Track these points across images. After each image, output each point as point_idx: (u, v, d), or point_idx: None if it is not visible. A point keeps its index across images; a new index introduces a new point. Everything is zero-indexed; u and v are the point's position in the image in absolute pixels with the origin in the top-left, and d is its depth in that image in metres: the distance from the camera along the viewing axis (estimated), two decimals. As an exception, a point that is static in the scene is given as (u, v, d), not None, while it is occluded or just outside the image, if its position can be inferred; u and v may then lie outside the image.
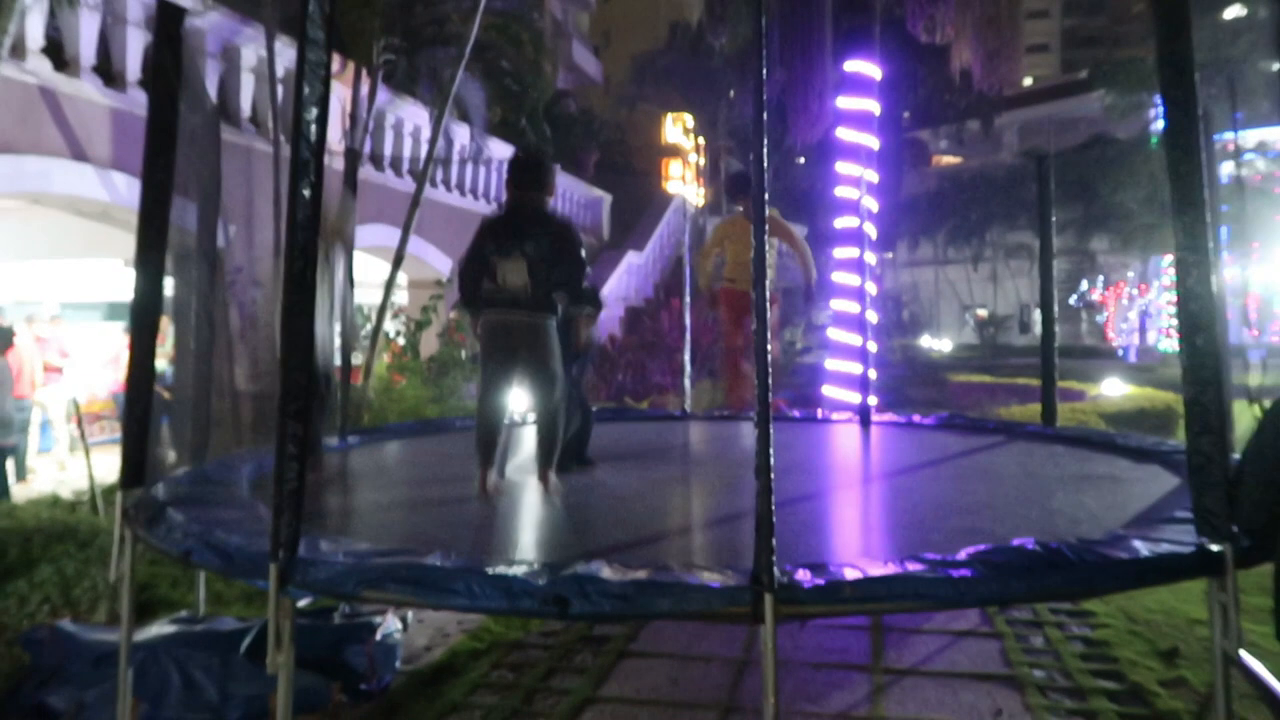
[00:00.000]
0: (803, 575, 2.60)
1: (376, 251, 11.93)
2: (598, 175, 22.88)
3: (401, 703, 4.17)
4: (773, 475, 2.47)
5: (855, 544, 3.73)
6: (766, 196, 2.61)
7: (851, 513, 4.35)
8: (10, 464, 8.33)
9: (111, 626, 4.36)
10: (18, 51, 7.71)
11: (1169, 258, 25.13)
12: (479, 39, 11.21)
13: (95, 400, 12.39)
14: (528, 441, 4.34)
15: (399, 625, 4.68)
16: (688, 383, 8.13)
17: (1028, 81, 40.00)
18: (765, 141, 2.55)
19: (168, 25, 3.70)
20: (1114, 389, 13.23)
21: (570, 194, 19.65)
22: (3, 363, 7.57)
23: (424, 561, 2.76)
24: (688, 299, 8.47)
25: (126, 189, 8.48)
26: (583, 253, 3.88)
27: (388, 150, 13.26)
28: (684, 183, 24.72)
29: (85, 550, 5.01)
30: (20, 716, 3.90)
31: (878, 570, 2.66)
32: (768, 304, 2.59)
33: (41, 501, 6.21)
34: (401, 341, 11.14)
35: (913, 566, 2.66)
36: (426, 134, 13.08)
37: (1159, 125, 26.37)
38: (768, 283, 2.58)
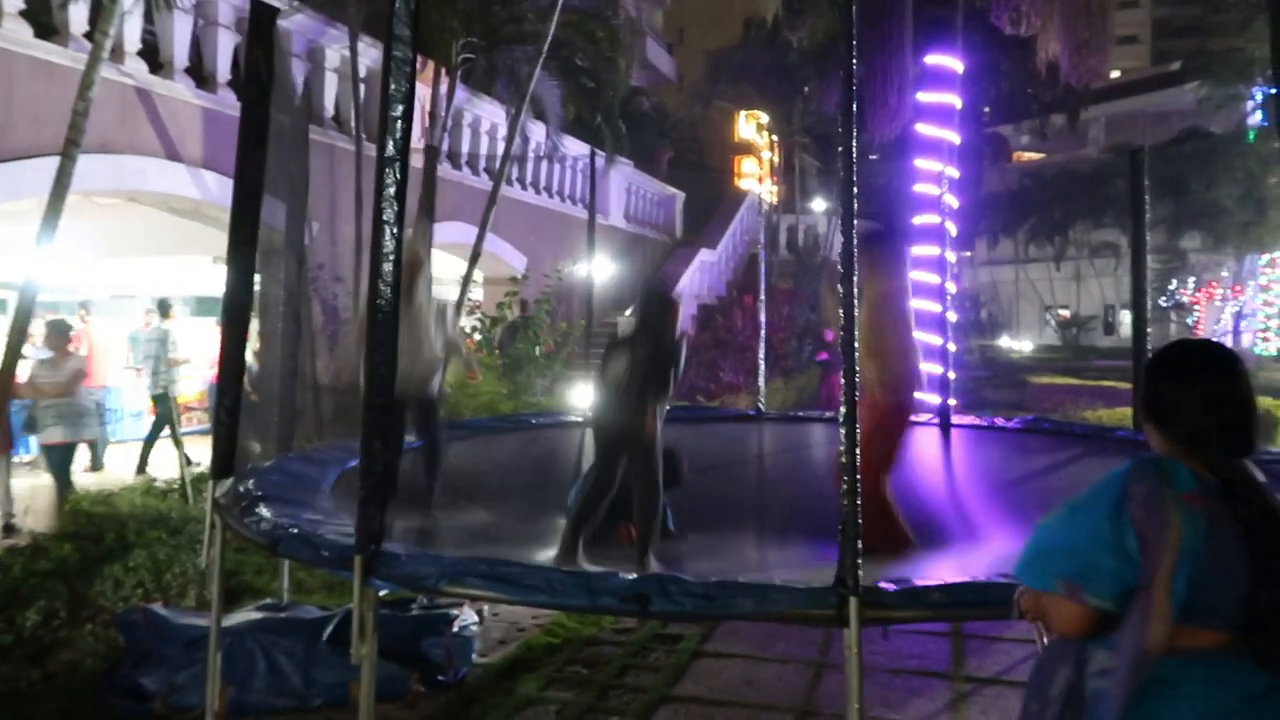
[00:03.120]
0: (886, 581, 2.55)
1: (453, 249, 12.09)
2: (671, 172, 22.84)
3: (477, 695, 4.21)
4: (859, 477, 2.42)
5: (938, 549, 3.65)
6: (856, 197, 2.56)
7: (934, 518, 4.25)
8: (84, 452, 8.54)
9: (201, 611, 4.49)
10: (116, 54, 8.01)
11: (1266, 257, 24.08)
12: (555, 37, 11.27)
13: (182, 394, 12.79)
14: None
15: (475, 618, 4.73)
16: (762, 382, 8.06)
17: (1116, 74, 38.69)
18: (855, 138, 2.49)
19: (260, 24, 3.79)
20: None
21: (643, 191, 19.65)
22: (79, 356, 7.82)
23: (505, 557, 2.78)
24: (763, 297, 8.40)
25: (217, 187, 8.74)
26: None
27: (465, 148, 13.43)
28: (757, 180, 24.53)
29: (176, 537, 5.18)
30: (116, 696, 4.05)
31: (962, 576, 2.60)
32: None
33: (136, 489, 6.44)
34: (478, 338, 11.28)
35: (998, 574, 2.59)
36: (503, 132, 13.21)
37: (1256, 118, 25.24)
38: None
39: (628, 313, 4.43)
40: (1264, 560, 1.60)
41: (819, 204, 25.35)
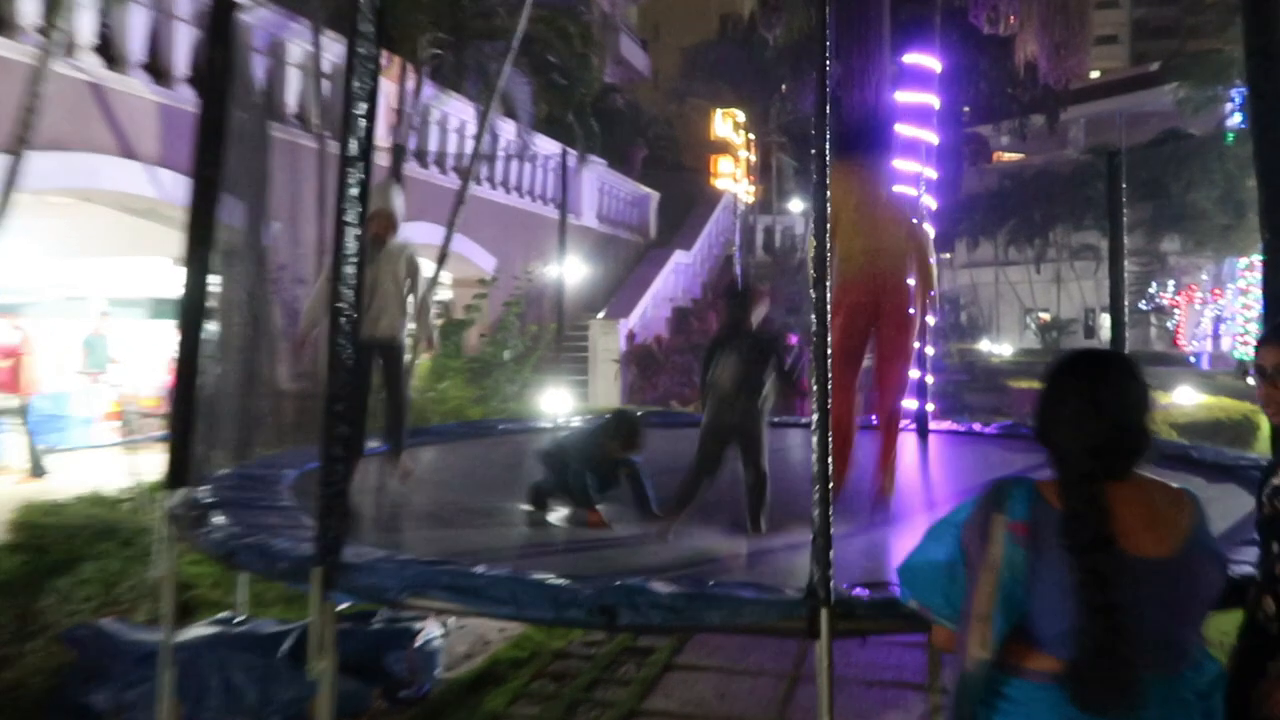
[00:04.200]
0: (860, 590, 2.56)
1: (420, 250, 12.02)
2: (645, 172, 22.87)
3: (441, 710, 4.19)
4: (830, 485, 2.43)
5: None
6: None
7: (910, 528, 4.28)
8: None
9: (153, 626, 4.43)
10: (70, 48, 7.91)
11: (1245, 260, 24.46)
12: (526, 32, 11.27)
13: (135, 398, 12.66)
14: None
15: (440, 631, 4.70)
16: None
17: (1095, 74, 39.22)
18: (828, 136, 2.51)
19: (220, 17, 3.76)
20: (1186, 398, 12.88)
21: (616, 191, 19.67)
22: None
23: (469, 569, 2.76)
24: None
25: (173, 185, 8.65)
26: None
27: (433, 146, 13.39)
28: (734, 180, 24.62)
29: (128, 549, 5.11)
30: (64, 715, 3.98)
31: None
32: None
33: (86, 499, 6.34)
34: (441, 331, 11.22)
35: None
36: (472, 130, 13.18)
37: (1235, 120, 25.62)
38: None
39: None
40: (1084, 594, 1.58)
41: (796, 204, 25.50)
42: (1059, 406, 1.74)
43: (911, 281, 4.62)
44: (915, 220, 4.82)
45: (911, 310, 4.59)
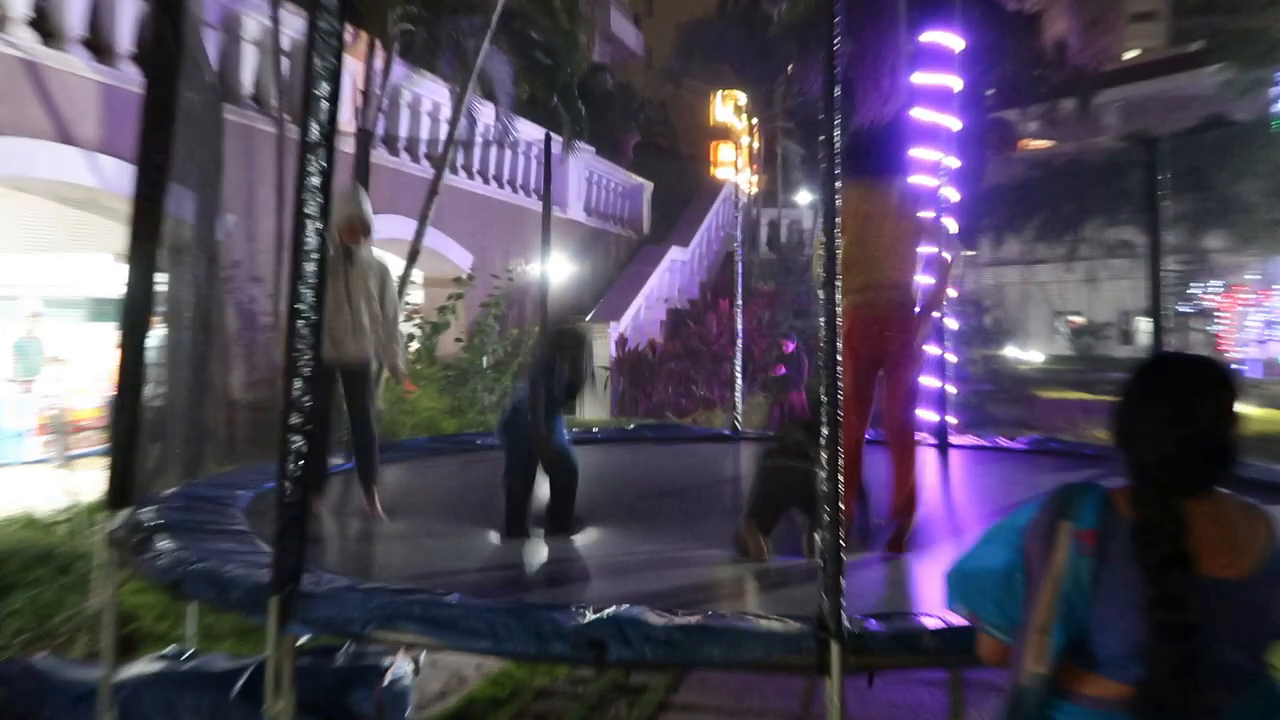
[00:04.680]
0: (874, 622, 2.56)
1: (389, 245, 12.03)
2: (638, 160, 22.92)
3: (413, 755, 4.17)
4: (841, 507, 2.44)
5: (933, 590, 3.66)
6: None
7: (928, 553, 4.28)
8: None
9: (91, 663, 4.40)
10: (0, 22, 7.89)
11: (1299, 258, 24.57)
12: (506, 6, 11.28)
13: (72, 408, 12.60)
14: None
15: (410, 668, 4.68)
16: (739, 397, 8.10)
17: (1131, 54, 39.41)
18: (837, 122, 2.52)
19: (166, -10, 3.76)
20: (1232, 409, 12.90)
21: (606, 181, 19.70)
22: None
23: (442, 598, 2.75)
24: (739, 300, 8.44)
25: (116, 174, 8.63)
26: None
27: (403, 132, 13.39)
28: (735, 169, 24.68)
29: (64, 576, 5.08)
30: (-9, 761, 3.96)
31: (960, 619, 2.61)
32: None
33: (16, 520, 6.31)
34: (416, 346, 11.23)
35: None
36: (446, 114, 13.19)
37: (1290, 105, 25.67)
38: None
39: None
40: (1156, 612, 1.59)
41: (804, 196, 25.57)
42: (1139, 411, 1.75)
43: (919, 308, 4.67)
44: (933, 220, 4.85)
45: (918, 336, 4.61)
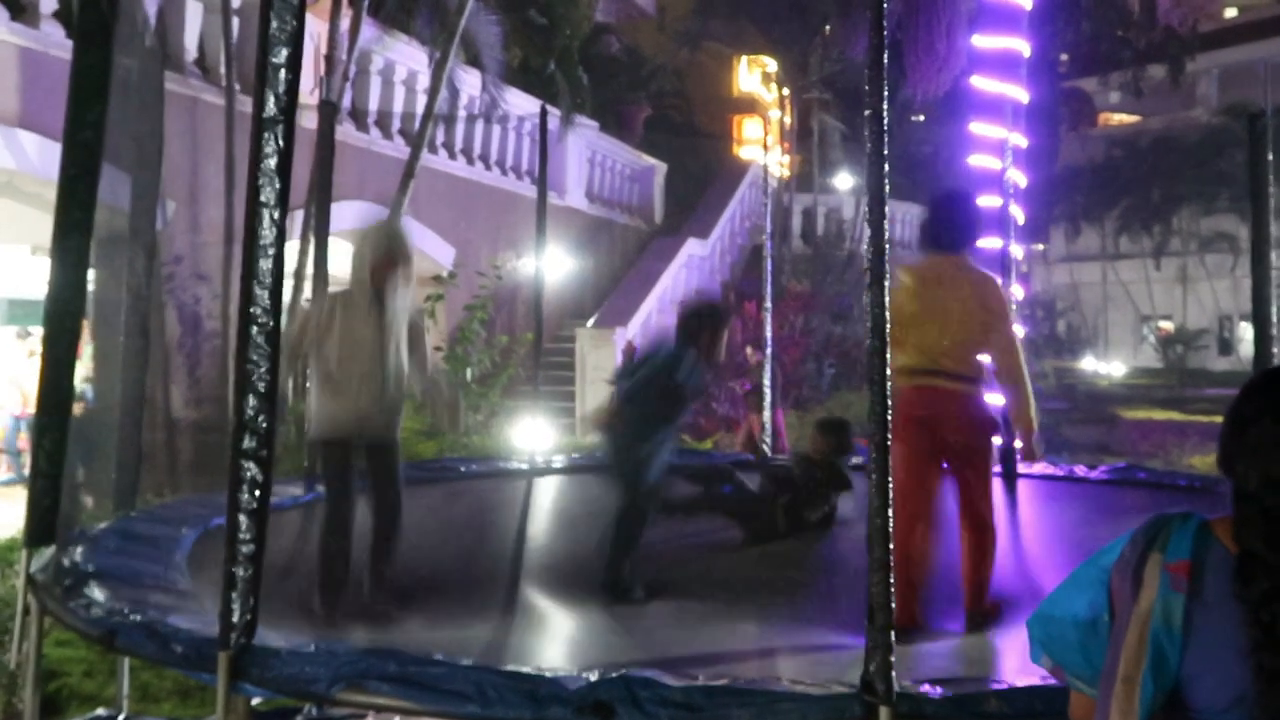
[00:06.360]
0: (928, 685, 2.56)
1: (355, 236, 12.08)
2: (649, 137, 22.92)
3: (384, 838, 4.17)
4: (891, 547, 2.44)
5: (997, 642, 3.67)
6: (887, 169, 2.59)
7: (993, 600, 4.28)
8: None
9: (9, 727, 4.42)
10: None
11: None
12: (496, -42, 11.34)
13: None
14: None
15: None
16: (767, 416, 8.09)
17: (1231, 12, 39.37)
18: (889, 96, 2.52)
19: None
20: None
21: (611, 161, 19.71)
22: None
23: (421, 656, 2.76)
24: (768, 302, 8.43)
25: (38, 154, 8.67)
26: None
27: (374, 104, 13.43)
28: (763, 148, 24.70)
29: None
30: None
31: (1025, 680, 2.62)
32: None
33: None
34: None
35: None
36: (425, 82, 13.23)
37: None
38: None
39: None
40: (1261, 655, 1.58)
41: (844, 180, 25.55)
42: (1246, 430, 1.76)
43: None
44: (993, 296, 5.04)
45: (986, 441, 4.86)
